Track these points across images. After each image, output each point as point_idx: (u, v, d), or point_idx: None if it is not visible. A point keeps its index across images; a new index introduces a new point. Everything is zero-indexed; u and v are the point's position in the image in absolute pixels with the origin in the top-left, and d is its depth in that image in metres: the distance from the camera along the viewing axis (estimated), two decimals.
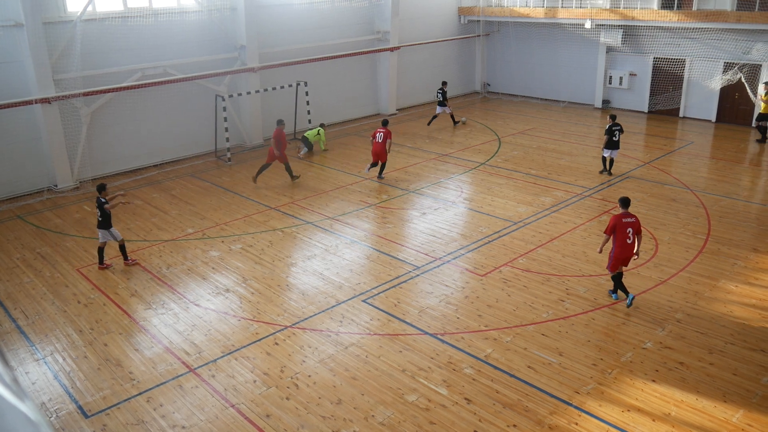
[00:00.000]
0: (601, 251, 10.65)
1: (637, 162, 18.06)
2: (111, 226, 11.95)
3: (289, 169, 16.87)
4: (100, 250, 12.10)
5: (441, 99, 22.40)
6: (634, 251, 10.12)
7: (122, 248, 12.20)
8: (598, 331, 9.59)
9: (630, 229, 10.04)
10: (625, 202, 10.33)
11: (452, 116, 22.92)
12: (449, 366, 8.82)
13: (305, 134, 20.08)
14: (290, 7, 21.36)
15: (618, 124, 16.26)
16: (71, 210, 15.55)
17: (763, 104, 19.13)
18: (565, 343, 9.29)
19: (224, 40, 19.78)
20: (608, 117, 16.57)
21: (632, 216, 10.20)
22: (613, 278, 10.31)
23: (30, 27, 15.46)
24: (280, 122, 16.76)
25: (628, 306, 10.07)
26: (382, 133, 16.52)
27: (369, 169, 16.91)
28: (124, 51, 17.63)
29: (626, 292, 10.15)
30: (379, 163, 16.85)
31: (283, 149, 16.50)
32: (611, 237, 10.17)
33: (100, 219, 11.82)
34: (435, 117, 22.81)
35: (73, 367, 9.09)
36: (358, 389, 8.36)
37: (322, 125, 20.41)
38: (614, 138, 16.22)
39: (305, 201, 15.60)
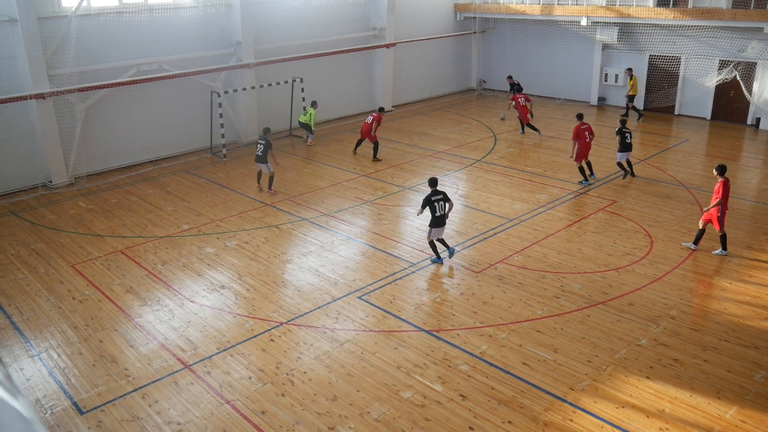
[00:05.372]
0: None
1: (633, 159, 18.08)
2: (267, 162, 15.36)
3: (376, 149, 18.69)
4: (271, 179, 15.65)
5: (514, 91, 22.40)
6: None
7: (271, 179, 15.58)
8: (593, 328, 9.62)
9: None
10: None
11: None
12: (444, 363, 8.83)
13: (300, 120, 19.99)
14: (286, 3, 21.30)
15: (628, 129, 16.09)
16: (66, 206, 15.49)
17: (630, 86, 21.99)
18: (559, 340, 9.32)
19: (220, 36, 19.72)
20: (619, 121, 16.33)
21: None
22: None
23: (24, 22, 15.37)
24: (381, 110, 19.16)
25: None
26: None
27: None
28: (119, 47, 17.55)
29: None
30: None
31: (374, 131, 18.66)
32: None
33: (260, 154, 15.21)
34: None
35: (68, 363, 9.07)
36: (353, 386, 8.37)
37: (313, 104, 19.91)
38: (626, 140, 16.01)
39: (301, 198, 15.58)
